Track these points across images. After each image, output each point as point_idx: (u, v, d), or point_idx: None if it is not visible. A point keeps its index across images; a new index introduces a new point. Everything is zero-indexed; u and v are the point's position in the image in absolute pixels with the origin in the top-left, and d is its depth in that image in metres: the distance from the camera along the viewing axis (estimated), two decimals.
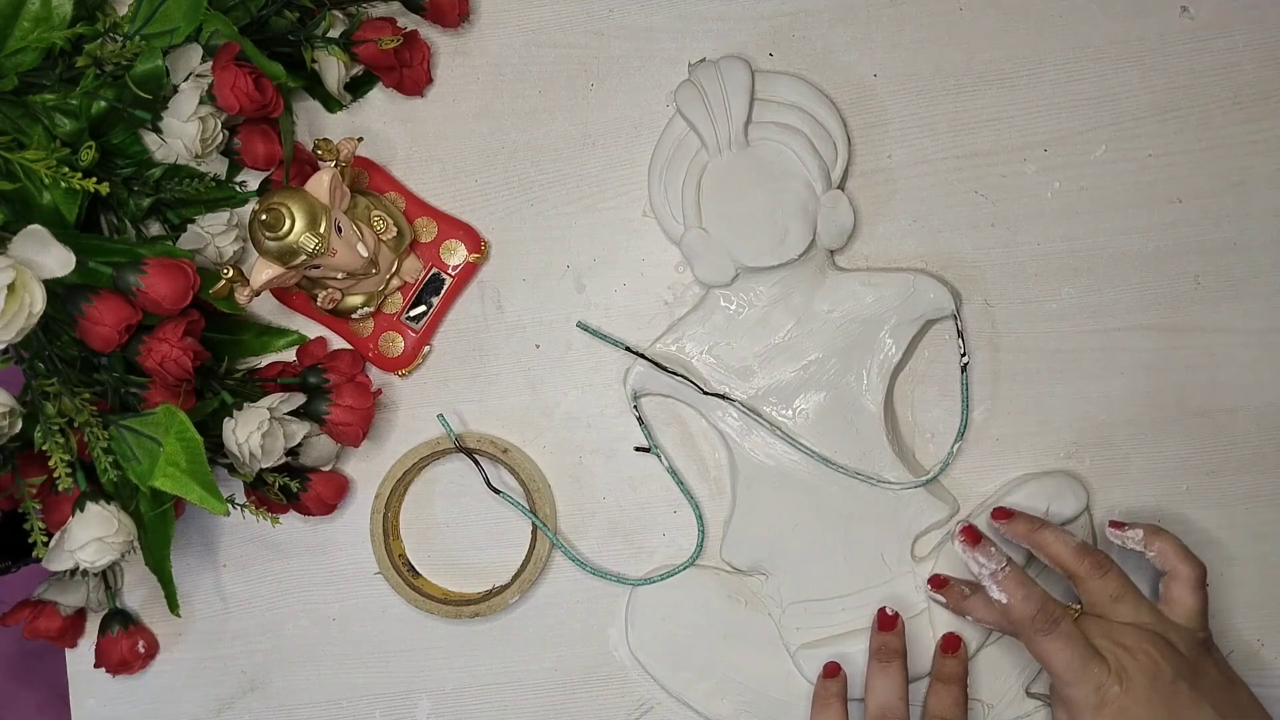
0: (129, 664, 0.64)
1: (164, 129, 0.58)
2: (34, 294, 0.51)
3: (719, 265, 0.62)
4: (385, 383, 0.65)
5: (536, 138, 0.65)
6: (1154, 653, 0.54)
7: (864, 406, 0.62)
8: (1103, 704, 0.53)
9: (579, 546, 0.65)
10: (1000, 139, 0.63)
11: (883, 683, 0.59)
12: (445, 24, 0.64)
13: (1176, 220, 0.63)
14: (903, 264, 0.64)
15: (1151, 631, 0.55)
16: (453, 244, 0.64)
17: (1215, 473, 0.62)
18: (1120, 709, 0.53)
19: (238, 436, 0.57)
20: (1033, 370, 0.63)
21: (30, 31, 0.58)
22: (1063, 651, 0.54)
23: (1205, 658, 0.56)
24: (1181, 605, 0.56)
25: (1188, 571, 0.57)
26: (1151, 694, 0.53)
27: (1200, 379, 0.62)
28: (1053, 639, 0.54)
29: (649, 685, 0.64)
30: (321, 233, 0.55)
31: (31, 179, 0.57)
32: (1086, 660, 0.54)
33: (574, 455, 0.65)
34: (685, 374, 0.63)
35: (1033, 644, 0.55)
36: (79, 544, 0.55)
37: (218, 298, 0.57)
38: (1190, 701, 0.53)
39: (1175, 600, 0.57)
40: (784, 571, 0.62)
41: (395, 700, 0.65)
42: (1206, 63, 0.63)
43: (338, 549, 0.66)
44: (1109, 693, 0.53)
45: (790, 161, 0.62)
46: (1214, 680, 0.55)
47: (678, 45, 0.65)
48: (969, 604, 0.59)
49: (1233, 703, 0.54)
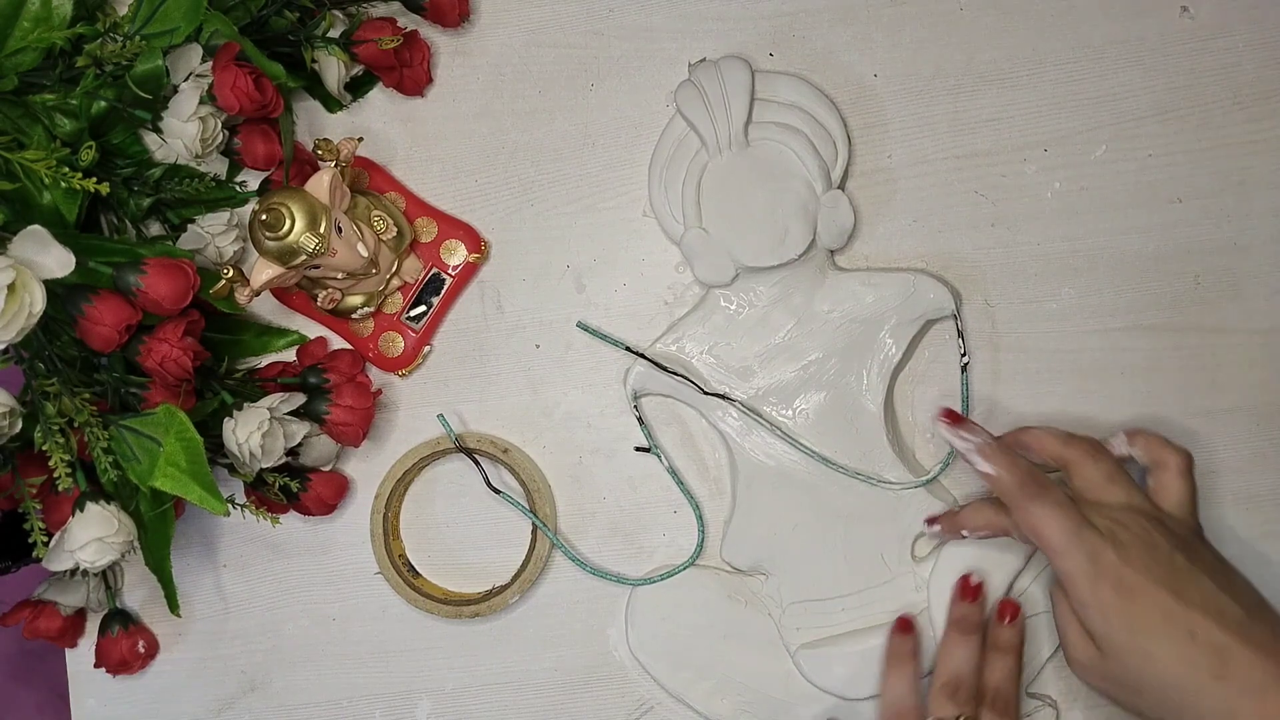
0: (129, 664, 0.64)
1: (164, 129, 0.58)
2: (34, 294, 0.51)
3: (719, 265, 0.62)
4: (385, 383, 0.65)
5: (536, 138, 0.65)
6: (1149, 526, 0.53)
7: (864, 406, 0.62)
8: (1099, 573, 0.52)
9: (579, 546, 0.65)
10: (1000, 139, 0.63)
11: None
12: (445, 24, 0.64)
13: (1176, 220, 0.63)
14: (903, 264, 0.64)
15: (1145, 510, 0.54)
16: (453, 244, 0.64)
17: (1215, 473, 0.62)
18: (1118, 577, 0.52)
19: (238, 436, 0.57)
20: (1033, 370, 0.63)
21: (30, 31, 0.58)
22: (1053, 518, 0.53)
23: (1199, 542, 0.55)
24: (1171, 491, 0.56)
25: (1175, 459, 0.56)
26: (1149, 560, 0.52)
27: (1200, 379, 0.62)
28: (1042, 504, 0.53)
29: (649, 685, 0.64)
30: (321, 233, 0.55)
31: (31, 179, 0.56)
32: (1080, 527, 0.53)
33: (574, 455, 0.65)
34: (685, 374, 0.63)
35: (1024, 514, 0.54)
36: (79, 544, 0.55)
37: (218, 298, 0.57)
38: (1188, 572, 0.52)
39: (1165, 487, 0.56)
40: (784, 571, 0.62)
41: (395, 700, 0.65)
42: (1206, 63, 0.63)
43: (338, 549, 0.66)
44: (1105, 559, 0.52)
45: (790, 161, 0.62)
46: (1210, 559, 0.54)
47: (678, 45, 0.65)
48: (961, 517, 0.59)
49: (1231, 582, 0.53)
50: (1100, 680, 0.53)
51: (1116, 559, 0.52)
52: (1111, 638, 0.52)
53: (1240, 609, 0.51)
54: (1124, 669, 0.52)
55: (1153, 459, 0.57)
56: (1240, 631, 0.50)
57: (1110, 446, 0.58)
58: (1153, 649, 0.51)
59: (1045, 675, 0.62)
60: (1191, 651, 0.50)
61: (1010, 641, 0.59)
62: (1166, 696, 0.51)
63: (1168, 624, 0.51)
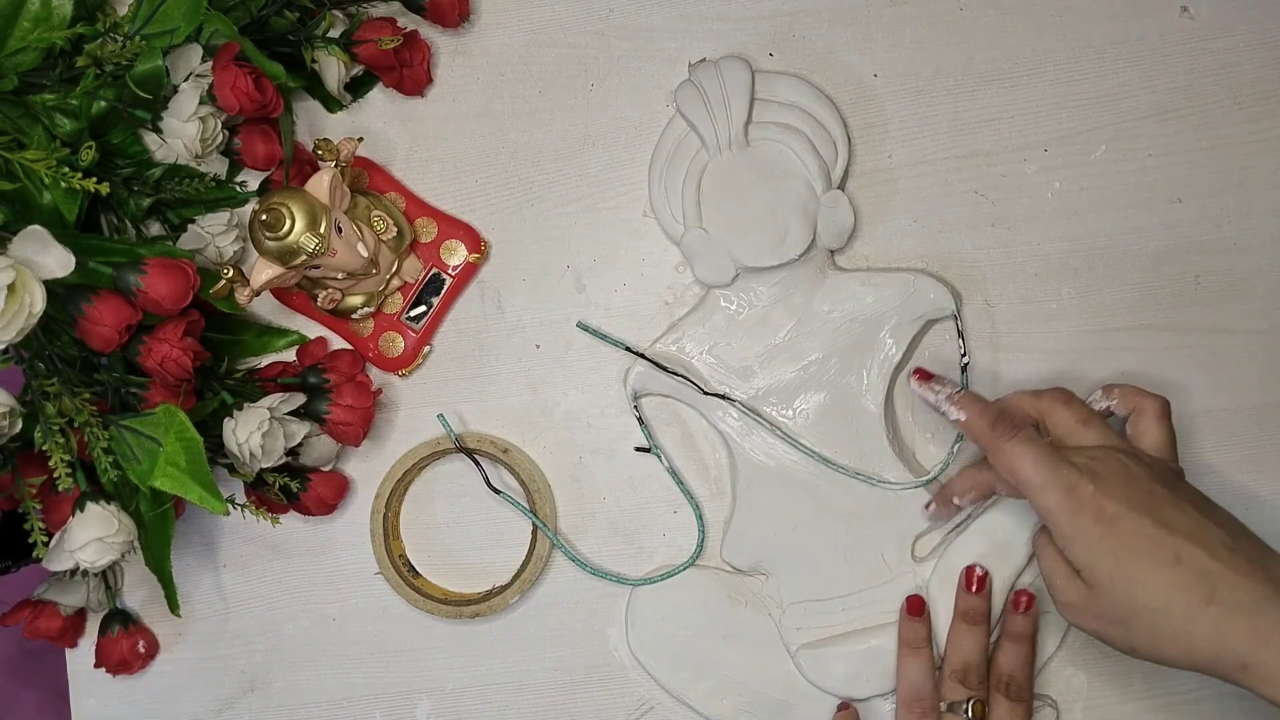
0: (129, 664, 0.64)
1: (164, 129, 0.58)
2: (34, 294, 0.51)
3: (719, 265, 0.62)
4: (385, 383, 0.65)
5: (536, 138, 0.65)
6: (1126, 460, 0.53)
7: (864, 406, 0.62)
8: (1079, 506, 0.51)
9: (579, 546, 0.65)
10: (1000, 139, 0.63)
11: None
12: (445, 24, 0.64)
13: (1176, 220, 0.63)
14: (903, 264, 0.64)
15: (1122, 449, 0.54)
16: (453, 244, 0.64)
17: (1215, 472, 0.62)
18: (1097, 508, 0.51)
19: (238, 436, 0.57)
20: (1033, 370, 0.63)
21: (30, 31, 0.58)
22: (1028, 454, 0.53)
23: (1179, 480, 0.54)
24: (1150, 435, 0.56)
25: (1151, 404, 0.56)
26: (1129, 490, 0.51)
27: (1200, 379, 0.62)
28: (1016, 443, 0.53)
29: (649, 685, 0.64)
30: (321, 233, 0.55)
31: (31, 179, 0.56)
32: (1055, 462, 0.52)
33: (574, 455, 0.65)
34: (685, 374, 0.63)
35: (999, 455, 0.54)
36: (79, 544, 0.55)
37: (218, 298, 0.57)
38: (1169, 501, 0.51)
39: (1143, 432, 0.56)
40: (784, 571, 0.62)
41: (395, 700, 0.65)
42: (1206, 63, 0.63)
43: (338, 549, 0.66)
44: (1083, 492, 0.51)
45: (790, 161, 0.62)
46: (1190, 492, 0.53)
47: (678, 45, 0.65)
48: (949, 486, 0.59)
49: (1213, 511, 0.52)
50: (1091, 620, 0.53)
51: (1095, 489, 0.51)
52: (1097, 568, 0.51)
53: (1224, 534, 0.51)
54: (1113, 601, 0.51)
55: (1130, 406, 0.57)
56: (1226, 555, 0.50)
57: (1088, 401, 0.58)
58: (1139, 575, 0.50)
59: (1046, 675, 0.62)
60: (1179, 576, 0.50)
61: (1024, 629, 0.59)
62: (1157, 624, 0.50)
63: (1153, 549, 0.50)
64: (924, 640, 0.60)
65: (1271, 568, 0.50)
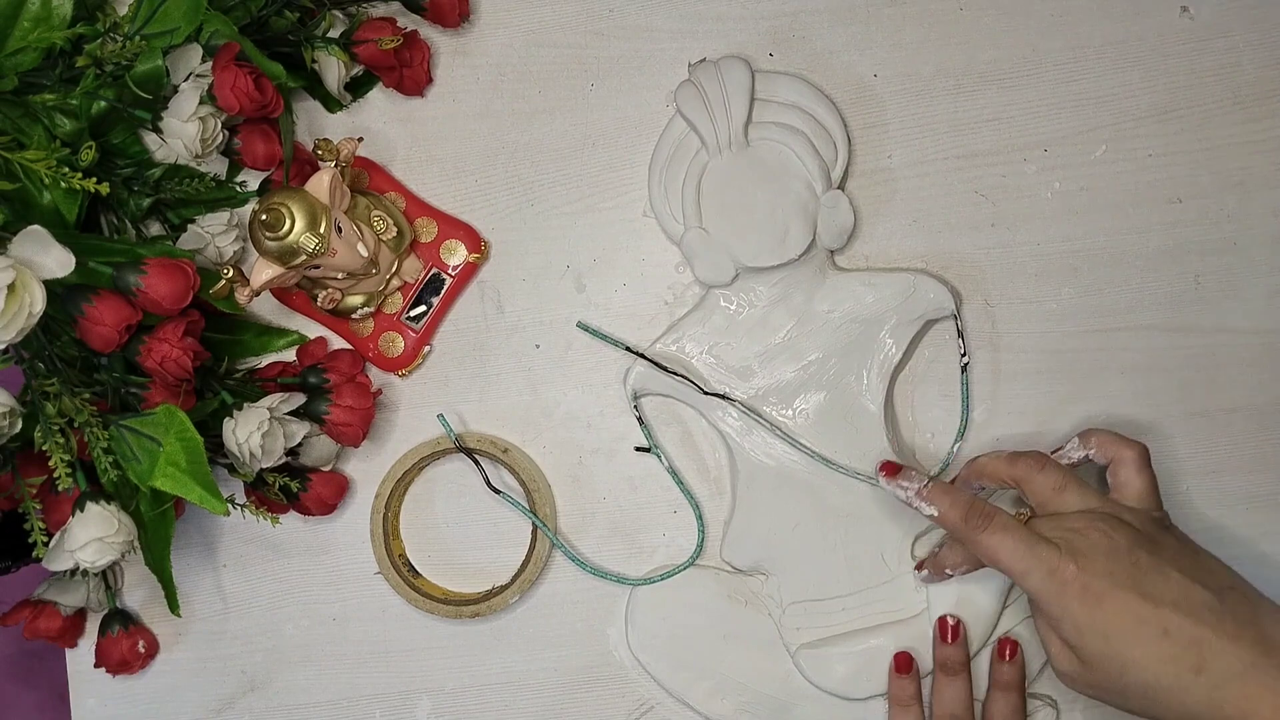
0: (129, 664, 0.64)
1: (164, 129, 0.58)
2: (34, 294, 0.51)
3: (719, 265, 0.62)
4: (385, 383, 0.65)
5: (536, 138, 0.65)
6: (1105, 528, 0.53)
7: (864, 406, 0.62)
8: (1063, 587, 0.51)
9: (579, 546, 0.65)
10: (1000, 139, 0.63)
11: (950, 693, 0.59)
12: (445, 24, 0.64)
13: (1176, 220, 0.63)
14: (903, 264, 0.64)
15: (1102, 512, 0.54)
16: (453, 244, 0.64)
17: (1215, 473, 0.62)
18: (1082, 587, 0.51)
19: (238, 436, 0.57)
20: (1033, 370, 0.63)
21: (30, 31, 0.58)
22: (1004, 543, 0.53)
23: (1163, 532, 0.54)
24: (1131, 487, 0.55)
25: (1130, 453, 0.56)
26: (1111, 565, 0.51)
27: (1200, 379, 0.62)
28: (990, 533, 0.53)
29: (649, 685, 0.64)
30: (321, 233, 0.55)
31: (31, 179, 0.56)
32: (1032, 545, 0.52)
33: (574, 455, 0.65)
34: (685, 374, 0.63)
35: (976, 546, 0.54)
36: (79, 544, 0.55)
37: (218, 298, 0.57)
38: (1153, 567, 0.51)
39: (1123, 483, 0.56)
40: (784, 571, 0.62)
41: (395, 700, 0.65)
42: (1206, 63, 0.63)
43: (338, 549, 0.66)
44: (1065, 573, 0.51)
45: (790, 161, 0.62)
46: (1175, 549, 0.53)
47: (678, 45, 0.65)
48: (940, 558, 0.59)
49: (1199, 566, 0.52)
50: (1088, 689, 0.53)
51: (1076, 569, 0.51)
52: (1087, 648, 0.52)
53: (1211, 595, 0.51)
54: (1106, 676, 0.52)
55: (1109, 456, 0.57)
56: (1213, 621, 0.50)
57: (1065, 451, 0.58)
58: (1129, 653, 0.51)
59: (1045, 675, 0.62)
60: (1167, 649, 0.50)
61: (1012, 678, 0.60)
62: (1152, 697, 0.51)
63: (1140, 626, 0.51)
64: (912, 697, 0.60)
65: (1262, 623, 0.50)
